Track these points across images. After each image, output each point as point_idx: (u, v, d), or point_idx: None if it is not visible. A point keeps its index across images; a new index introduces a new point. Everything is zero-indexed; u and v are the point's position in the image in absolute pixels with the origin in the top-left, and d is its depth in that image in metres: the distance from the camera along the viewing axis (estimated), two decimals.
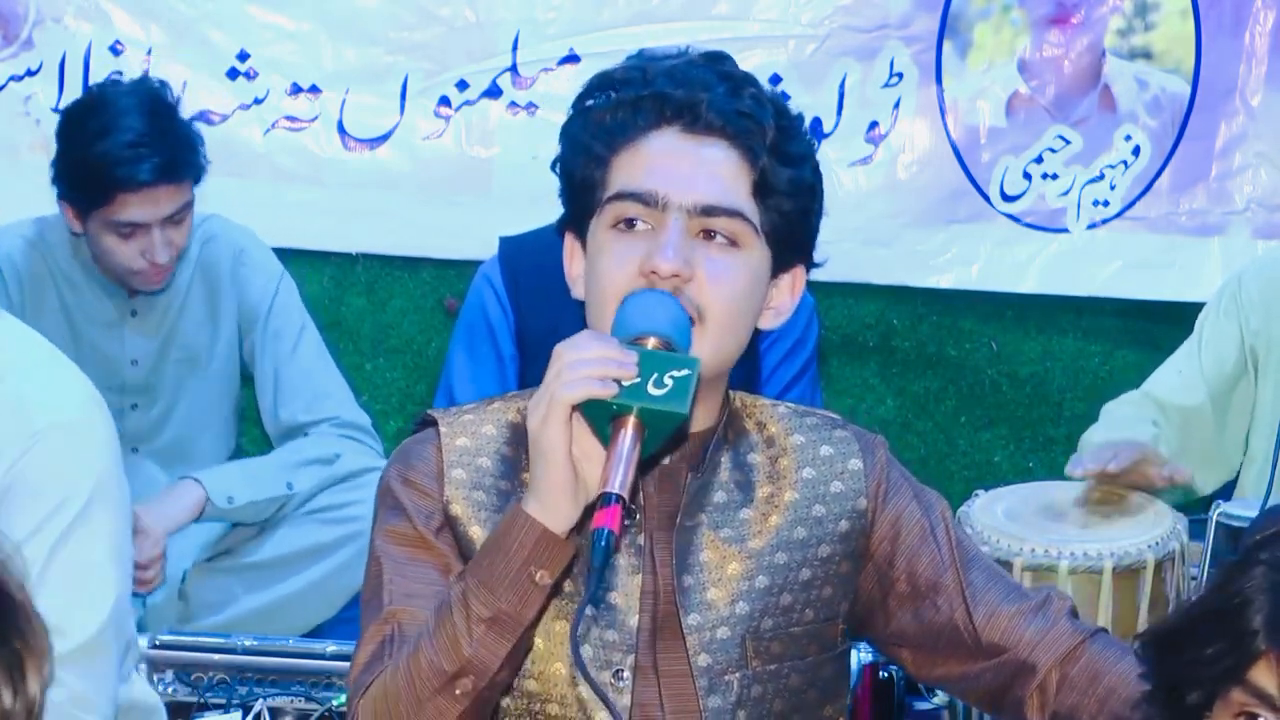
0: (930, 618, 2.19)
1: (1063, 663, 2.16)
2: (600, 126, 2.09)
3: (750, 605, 2.10)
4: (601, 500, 1.89)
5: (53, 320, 3.73)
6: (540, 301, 3.85)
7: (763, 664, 2.11)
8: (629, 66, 2.11)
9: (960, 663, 2.20)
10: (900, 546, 2.18)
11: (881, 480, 2.18)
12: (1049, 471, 4.39)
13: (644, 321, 1.96)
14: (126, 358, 3.79)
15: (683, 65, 2.08)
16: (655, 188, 2.03)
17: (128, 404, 3.79)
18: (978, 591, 2.18)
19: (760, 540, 2.11)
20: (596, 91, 2.12)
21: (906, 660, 2.25)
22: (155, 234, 3.57)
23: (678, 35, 4.16)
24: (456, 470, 2.09)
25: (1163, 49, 4.40)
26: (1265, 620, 1.44)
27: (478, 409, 2.15)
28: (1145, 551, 2.96)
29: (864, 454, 2.17)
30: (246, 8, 4.42)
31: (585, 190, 2.09)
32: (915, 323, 4.60)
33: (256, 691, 2.99)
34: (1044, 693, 2.16)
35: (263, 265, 3.87)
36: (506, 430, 2.12)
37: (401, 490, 2.09)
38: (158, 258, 3.58)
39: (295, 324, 3.86)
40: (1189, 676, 1.51)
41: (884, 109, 4.42)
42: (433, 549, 2.06)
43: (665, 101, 2.05)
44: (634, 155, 2.06)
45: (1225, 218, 4.42)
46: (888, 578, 2.19)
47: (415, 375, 4.63)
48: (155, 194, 3.55)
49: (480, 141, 4.46)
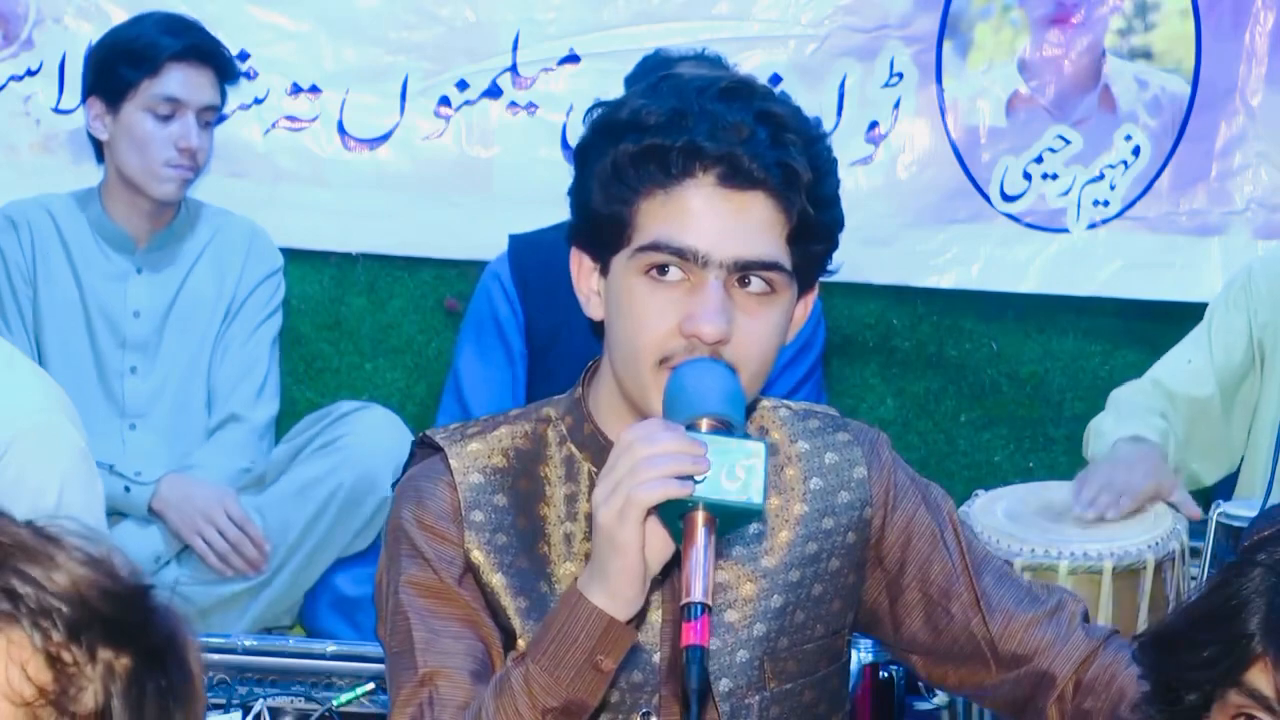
0: (944, 626, 2.18)
1: (1079, 670, 2.15)
2: (632, 168, 1.99)
3: (767, 625, 2.09)
4: (687, 612, 1.80)
5: (66, 283, 3.81)
6: (550, 299, 3.85)
7: (779, 684, 2.10)
8: (663, 107, 1.99)
9: (976, 671, 2.19)
10: (911, 554, 2.16)
11: (889, 485, 2.16)
12: (1049, 471, 4.39)
13: (703, 403, 1.90)
14: (129, 309, 3.83)
15: (720, 108, 1.98)
16: (695, 245, 1.96)
17: (128, 366, 3.83)
18: (992, 599, 2.17)
19: (773, 558, 2.10)
20: (629, 131, 2.00)
21: (918, 665, 2.24)
22: (191, 119, 3.71)
23: (677, 35, 4.16)
24: (475, 513, 2.05)
25: (1163, 49, 4.40)
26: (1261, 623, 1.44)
27: (484, 435, 2.10)
28: (1145, 552, 2.96)
29: (867, 459, 2.16)
30: (246, 8, 4.42)
31: (609, 224, 2.01)
32: (915, 323, 4.60)
33: (256, 691, 2.99)
34: (1063, 701, 2.16)
35: (267, 254, 3.96)
36: (516, 460, 2.08)
37: (419, 535, 2.05)
38: (192, 140, 3.69)
39: (267, 310, 3.93)
40: (1186, 678, 1.51)
41: (884, 109, 4.42)
42: (456, 600, 2.03)
43: (704, 154, 1.97)
44: (669, 204, 1.98)
45: (1225, 218, 4.42)
46: (897, 585, 2.18)
47: (415, 375, 4.62)
48: (199, 72, 3.73)
49: (480, 141, 4.46)
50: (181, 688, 1.32)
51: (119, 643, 1.29)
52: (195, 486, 3.67)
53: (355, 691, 2.98)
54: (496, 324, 3.91)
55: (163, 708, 1.31)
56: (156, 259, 3.83)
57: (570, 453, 2.08)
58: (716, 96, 1.98)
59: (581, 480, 2.07)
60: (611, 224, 2.00)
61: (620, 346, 2.01)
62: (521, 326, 3.88)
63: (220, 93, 3.80)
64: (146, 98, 3.69)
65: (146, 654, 1.30)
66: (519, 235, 3.95)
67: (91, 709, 1.27)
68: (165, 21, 3.79)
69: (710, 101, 1.98)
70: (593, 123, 2.05)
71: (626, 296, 2.00)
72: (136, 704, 1.29)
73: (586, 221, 2.04)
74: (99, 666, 1.28)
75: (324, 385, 4.62)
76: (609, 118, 2.03)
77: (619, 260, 2.01)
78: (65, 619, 1.27)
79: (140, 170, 3.72)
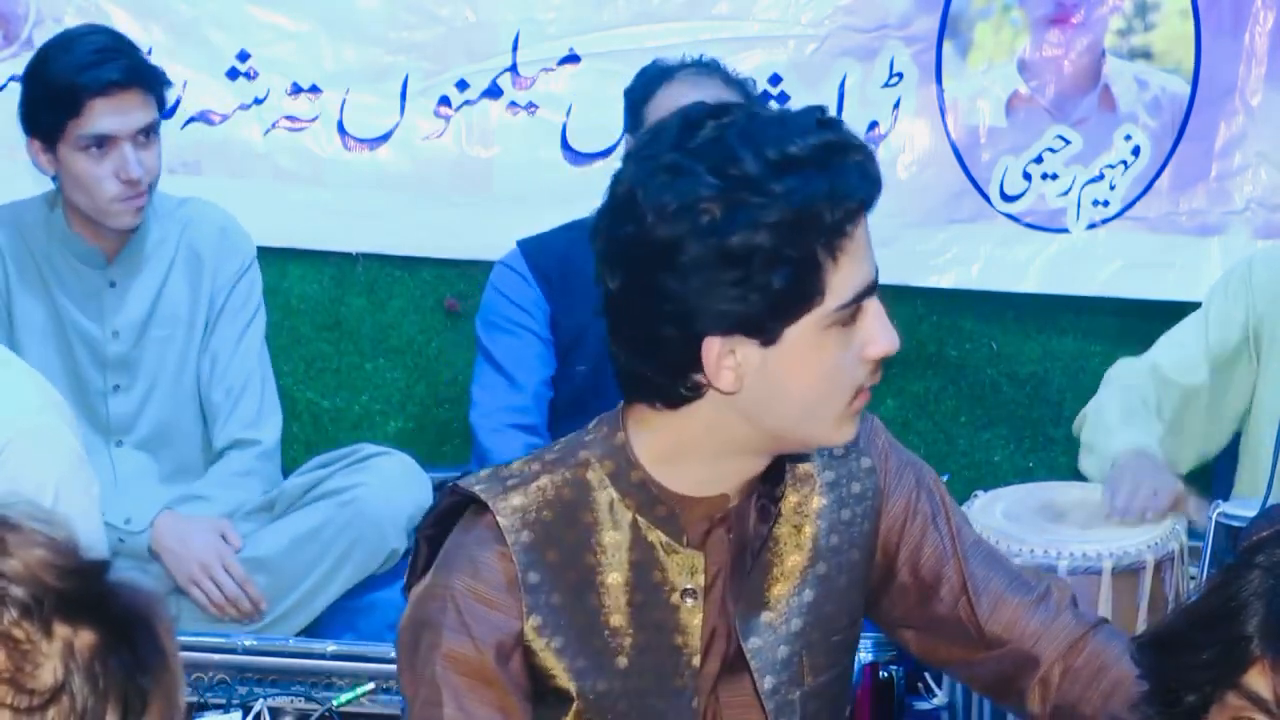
0: (934, 608, 2.20)
1: (1066, 655, 2.17)
2: (826, 225, 1.90)
3: (803, 620, 2.10)
4: None
5: (38, 299, 3.73)
6: (572, 299, 3.83)
7: (814, 678, 2.11)
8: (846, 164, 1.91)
9: (963, 651, 2.21)
10: (905, 538, 2.19)
11: (886, 470, 2.18)
12: (1049, 471, 4.39)
13: None
14: (108, 329, 3.76)
15: (857, 157, 1.93)
16: (872, 277, 1.95)
17: (110, 385, 3.77)
18: (979, 583, 2.18)
19: (800, 554, 2.10)
20: (808, 225, 1.89)
21: (910, 642, 2.26)
22: (127, 149, 3.57)
23: (677, 35, 4.16)
24: (530, 574, 2.01)
25: (1163, 49, 4.39)
26: (1259, 625, 1.44)
27: (524, 488, 2.03)
28: (1144, 552, 2.96)
29: (869, 447, 2.18)
30: (246, 8, 4.42)
31: (792, 303, 1.91)
32: (915, 323, 4.60)
33: (256, 691, 2.99)
34: (1046, 685, 2.17)
35: (239, 247, 3.86)
36: (561, 510, 2.04)
37: (470, 608, 1.99)
38: (132, 172, 3.56)
39: (249, 310, 3.85)
40: (1185, 679, 1.51)
41: (884, 109, 4.42)
42: (496, 684, 1.99)
43: (867, 205, 1.94)
44: (848, 255, 1.92)
45: (1225, 218, 4.42)
46: (892, 568, 2.20)
47: (415, 375, 4.62)
48: (125, 100, 3.57)
49: (480, 141, 4.46)
50: (151, 661, 1.31)
51: (77, 619, 1.28)
52: (193, 532, 3.57)
53: (355, 691, 2.97)
54: (522, 310, 3.86)
55: (130, 682, 1.29)
56: (128, 269, 3.75)
57: (612, 498, 2.04)
58: (843, 149, 1.92)
59: (624, 527, 2.04)
60: (798, 301, 1.91)
61: (802, 403, 1.96)
62: (547, 316, 3.84)
63: (156, 103, 3.65)
64: (75, 139, 3.57)
65: (109, 629, 1.29)
66: (527, 239, 3.92)
67: (51, 685, 1.26)
68: (84, 55, 3.59)
69: (841, 155, 1.92)
70: (760, 222, 1.88)
71: (818, 355, 1.94)
72: (100, 679, 1.27)
73: (770, 305, 1.90)
74: (56, 643, 1.27)
75: (324, 385, 4.62)
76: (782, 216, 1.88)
77: (802, 326, 1.92)
78: (17, 600, 1.26)
79: (91, 208, 3.64)
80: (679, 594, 2.04)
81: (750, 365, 1.93)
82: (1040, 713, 2.18)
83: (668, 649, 2.05)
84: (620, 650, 2.04)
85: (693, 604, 2.04)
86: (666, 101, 3.73)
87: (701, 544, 2.05)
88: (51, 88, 3.58)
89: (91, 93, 3.54)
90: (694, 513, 2.04)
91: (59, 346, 3.75)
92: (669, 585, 2.04)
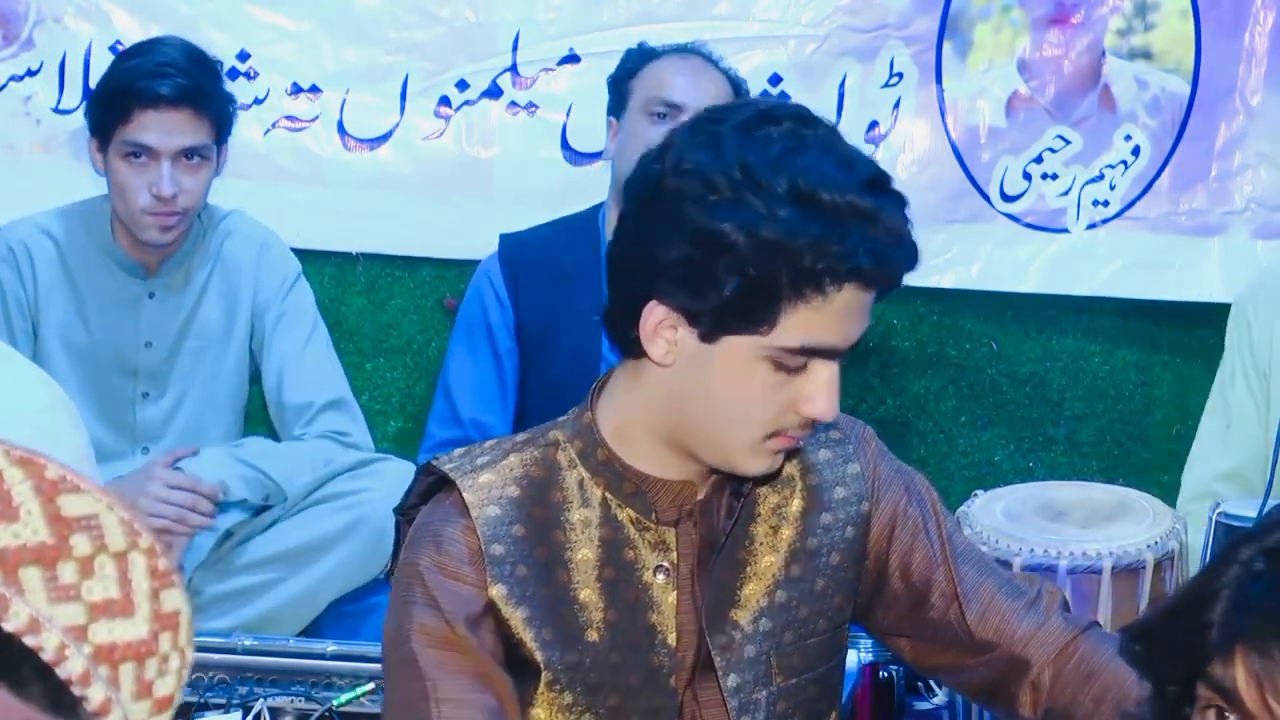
0: (925, 614, 2.21)
1: (1056, 660, 2.17)
2: (791, 288, 1.90)
3: (772, 621, 2.11)
4: None
5: (61, 306, 3.75)
6: (539, 296, 3.87)
7: (785, 679, 2.12)
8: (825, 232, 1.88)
9: (954, 656, 2.22)
10: (895, 545, 2.20)
11: (875, 477, 2.19)
12: (1049, 471, 4.40)
13: None
14: (141, 339, 3.78)
15: (881, 235, 1.91)
16: (837, 344, 1.95)
17: (139, 393, 3.79)
18: (970, 588, 2.20)
19: (774, 555, 2.12)
20: (783, 254, 1.89)
21: (904, 650, 2.27)
22: (165, 166, 3.59)
23: (678, 35, 4.16)
24: (495, 546, 2.03)
25: (1163, 49, 4.40)
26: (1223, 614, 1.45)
27: (494, 465, 2.07)
28: (1144, 551, 2.96)
29: (858, 454, 2.19)
30: (246, 8, 4.42)
31: (739, 318, 1.92)
32: (915, 323, 4.60)
33: (256, 691, 2.99)
34: (1037, 690, 2.18)
35: (281, 261, 3.90)
36: (529, 488, 2.07)
37: (436, 582, 2.01)
38: (164, 189, 3.58)
39: (309, 318, 3.90)
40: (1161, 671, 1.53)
41: (884, 109, 4.42)
42: (469, 652, 2.00)
43: (863, 274, 1.91)
44: (820, 312, 1.92)
45: (1225, 218, 4.42)
46: (883, 575, 2.21)
47: (415, 375, 4.63)
48: (172, 118, 3.59)
49: (480, 141, 4.46)
50: None
51: None
52: (125, 490, 3.50)
53: (355, 691, 2.98)
54: (485, 324, 3.91)
55: None
56: (169, 282, 3.78)
57: (582, 477, 2.07)
58: (869, 219, 1.91)
59: (594, 505, 2.06)
60: (743, 319, 1.92)
61: (718, 411, 1.97)
62: (511, 325, 3.89)
63: (213, 128, 3.65)
64: (120, 144, 3.60)
65: None
66: (509, 234, 3.97)
67: None
68: (148, 65, 3.61)
69: (870, 225, 1.91)
70: (746, 227, 1.88)
71: (744, 377, 1.95)
72: None
73: (716, 306, 1.92)
74: None
75: None
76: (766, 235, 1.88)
77: (740, 342, 1.93)
78: None
79: (125, 214, 3.66)
80: (651, 571, 2.06)
81: (685, 349, 1.96)
82: (1032, 717, 2.19)
83: (643, 627, 2.07)
84: (590, 625, 2.06)
85: (665, 580, 2.06)
86: (651, 78, 3.75)
87: (673, 526, 2.07)
88: (110, 90, 3.63)
89: (141, 103, 3.57)
90: (662, 496, 2.06)
91: (88, 360, 3.77)
92: (641, 563, 2.06)
